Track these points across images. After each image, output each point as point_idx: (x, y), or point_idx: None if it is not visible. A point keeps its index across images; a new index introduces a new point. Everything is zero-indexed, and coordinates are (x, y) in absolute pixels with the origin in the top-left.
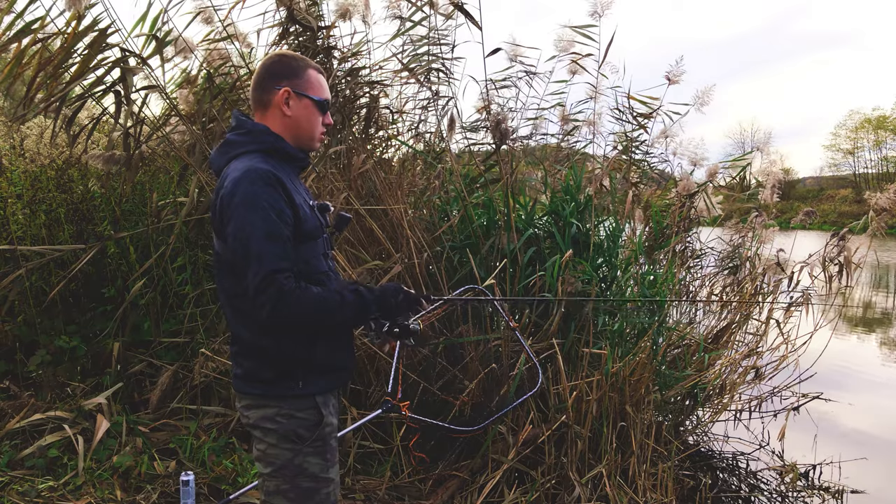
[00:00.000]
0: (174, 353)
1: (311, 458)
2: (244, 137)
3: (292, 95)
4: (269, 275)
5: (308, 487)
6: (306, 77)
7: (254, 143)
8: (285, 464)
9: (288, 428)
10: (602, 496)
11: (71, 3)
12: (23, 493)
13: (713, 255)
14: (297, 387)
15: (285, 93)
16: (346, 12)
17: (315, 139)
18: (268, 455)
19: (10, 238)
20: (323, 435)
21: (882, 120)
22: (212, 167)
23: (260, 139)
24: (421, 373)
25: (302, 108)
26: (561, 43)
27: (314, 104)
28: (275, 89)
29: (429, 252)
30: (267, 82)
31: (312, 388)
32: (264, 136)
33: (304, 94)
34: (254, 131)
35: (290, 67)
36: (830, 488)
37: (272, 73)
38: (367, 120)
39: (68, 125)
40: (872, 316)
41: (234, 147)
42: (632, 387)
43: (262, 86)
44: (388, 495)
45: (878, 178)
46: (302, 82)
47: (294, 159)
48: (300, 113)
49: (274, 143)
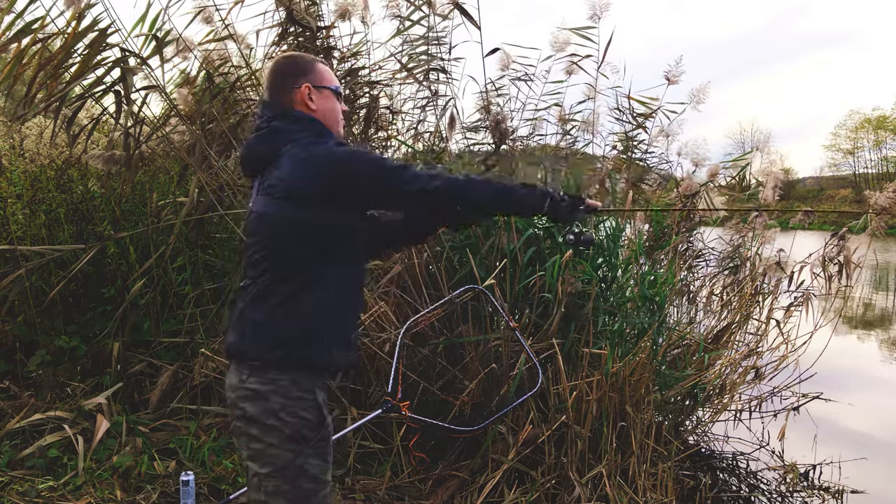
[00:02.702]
0: (174, 353)
1: (312, 459)
2: (294, 125)
3: (313, 90)
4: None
5: (308, 489)
6: (319, 70)
7: (305, 131)
8: (287, 465)
9: (294, 428)
10: (602, 496)
11: (71, 3)
12: (23, 493)
13: (713, 254)
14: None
15: (307, 89)
16: (345, 12)
17: (340, 125)
18: (267, 455)
19: (10, 238)
20: (324, 436)
21: (882, 120)
22: (248, 155)
23: (311, 127)
24: (421, 373)
25: (324, 99)
26: (557, 44)
27: (333, 93)
28: (295, 88)
29: (429, 252)
30: (287, 82)
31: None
32: (315, 124)
33: (322, 86)
34: (303, 119)
35: (302, 65)
36: (830, 488)
37: (287, 73)
38: (367, 120)
39: (68, 125)
40: (872, 316)
41: (285, 134)
42: (632, 387)
43: (283, 86)
44: (388, 495)
45: (878, 178)
46: (317, 76)
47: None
48: (324, 104)
49: (321, 128)
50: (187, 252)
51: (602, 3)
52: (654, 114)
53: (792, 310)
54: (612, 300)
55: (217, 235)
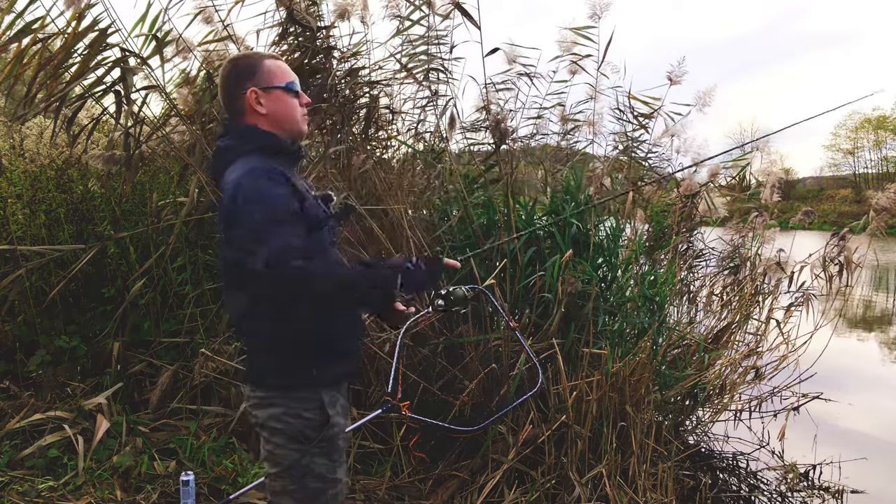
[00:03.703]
0: (174, 353)
1: (317, 458)
2: (236, 141)
3: (260, 93)
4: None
5: (315, 488)
6: (265, 69)
7: (246, 145)
8: (292, 464)
9: (295, 429)
10: (602, 496)
11: (71, 3)
12: (23, 493)
13: (714, 255)
14: (310, 375)
15: (252, 93)
16: (344, 12)
17: (299, 122)
18: (275, 455)
19: (10, 238)
20: (329, 435)
21: (882, 120)
22: (211, 175)
23: (251, 139)
24: (421, 373)
25: (273, 100)
26: (564, 44)
27: (283, 91)
28: (241, 94)
29: (429, 252)
30: (232, 90)
31: (322, 376)
32: (254, 135)
33: (269, 86)
34: (243, 133)
35: (246, 67)
36: (830, 488)
37: (231, 79)
38: (366, 120)
39: (68, 125)
40: (872, 316)
41: (229, 152)
42: (632, 387)
43: (230, 95)
44: (388, 495)
45: (878, 178)
46: (263, 76)
47: (288, 152)
48: (274, 106)
49: (266, 140)
50: (187, 252)
51: (603, 3)
52: (656, 114)
53: (792, 310)
54: (612, 300)
55: (217, 235)
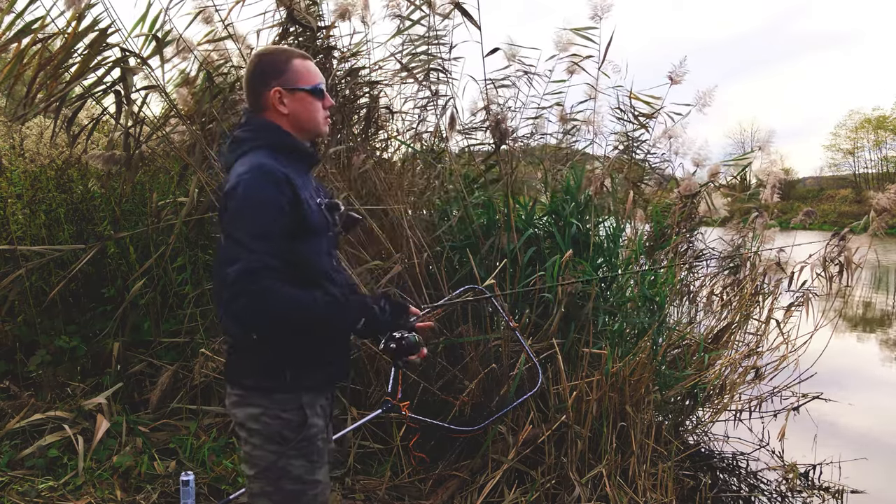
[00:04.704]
0: (174, 353)
1: (294, 460)
2: (252, 134)
3: (284, 93)
4: (252, 270)
5: (292, 490)
6: (294, 70)
7: (261, 139)
8: (269, 466)
9: (273, 429)
10: (602, 496)
11: (71, 3)
12: (23, 493)
13: (714, 255)
14: (285, 379)
15: (276, 93)
16: (345, 12)
17: (320, 125)
18: (253, 456)
19: (10, 238)
20: (308, 436)
21: (882, 120)
22: (223, 163)
23: (267, 135)
24: (421, 373)
25: (297, 101)
26: (561, 44)
27: (308, 94)
28: (266, 91)
29: (429, 252)
30: (257, 86)
31: (301, 382)
32: (271, 132)
33: (295, 87)
34: (261, 128)
35: (273, 65)
36: (830, 488)
37: (257, 75)
38: (367, 120)
39: (68, 125)
40: (872, 316)
41: (243, 144)
42: (632, 387)
43: (254, 90)
44: (388, 495)
45: (879, 178)
46: (291, 76)
47: (303, 153)
48: (297, 107)
49: (281, 139)
50: (187, 252)
51: (604, 3)
52: (657, 114)
53: (792, 310)
54: (612, 300)
55: (217, 235)
